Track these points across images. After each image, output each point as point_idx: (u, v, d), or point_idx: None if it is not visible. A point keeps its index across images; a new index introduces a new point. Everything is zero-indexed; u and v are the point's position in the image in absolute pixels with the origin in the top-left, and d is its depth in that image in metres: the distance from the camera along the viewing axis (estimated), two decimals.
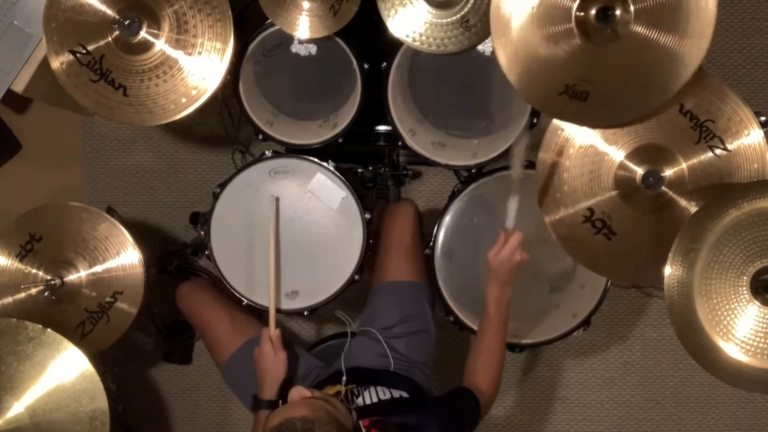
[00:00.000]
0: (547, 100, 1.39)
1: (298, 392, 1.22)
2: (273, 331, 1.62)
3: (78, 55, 1.52)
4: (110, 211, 2.02)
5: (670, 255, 1.31)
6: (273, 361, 1.58)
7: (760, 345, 1.29)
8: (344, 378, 1.48)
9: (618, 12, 1.32)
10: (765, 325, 1.29)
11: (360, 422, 1.20)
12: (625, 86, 1.35)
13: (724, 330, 1.30)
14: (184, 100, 1.53)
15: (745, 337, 1.30)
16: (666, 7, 1.29)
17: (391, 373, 1.59)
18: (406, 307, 1.70)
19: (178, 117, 1.54)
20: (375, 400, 1.39)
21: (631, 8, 1.31)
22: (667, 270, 1.31)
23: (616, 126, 1.42)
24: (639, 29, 1.31)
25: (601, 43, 1.34)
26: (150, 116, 1.55)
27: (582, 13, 1.34)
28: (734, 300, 1.30)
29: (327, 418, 1.14)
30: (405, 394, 1.41)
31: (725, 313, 1.30)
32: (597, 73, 1.35)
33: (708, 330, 1.30)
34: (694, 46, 1.30)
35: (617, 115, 1.40)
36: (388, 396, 1.39)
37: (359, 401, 1.38)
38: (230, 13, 1.51)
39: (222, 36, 1.52)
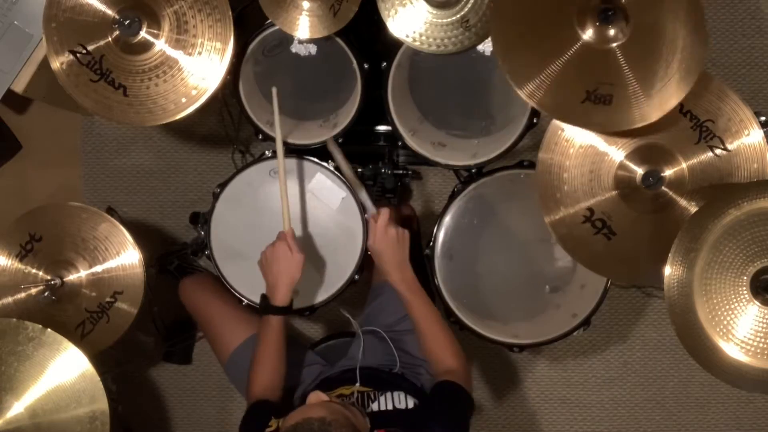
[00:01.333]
0: (572, 111, 1.37)
1: (316, 396, 1.24)
2: (287, 228, 1.53)
3: (78, 55, 1.52)
4: (110, 211, 2.02)
5: (670, 255, 1.31)
6: (289, 261, 1.48)
7: (760, 345, 1.29)
8: (358, 378, 1.48)
9: (617, 12, 1.33)
10: (765, 325, 1.29)
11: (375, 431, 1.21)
12: (646, 79, 1.34)
13: (724, 330, 1.30)
14: (184, 100, 1.53)
15: (745, 337, 1.30)
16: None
17: (402, 377, 1.59)
18: None
19: (178, 117, 1.54)
20: (390, 407, 1.38)
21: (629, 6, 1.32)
22: (667, 270, 1.31)
23: (649, 123, 1.39)
24: (639, 24, 1.31)
25: (609, 42, 1.34)
26: (150, 116, 1.55)
27: (582, 17, 1.34)
28: (734, 300, 1.30)
29: (344, 421, 1.15)
30: (418, 403, 1.41)
31: (725, 313, 1.30)
32: (614, 72, 1.35)
33: (708, 330, 1.30)
34: (694, 34, 1.30)
35: (647, 112, 1.36)
36: (402, 405, 1.39)
37: (374, 406, 1.38)
38: (230, 13, 1.51)
39: (222, 36, 1.52)
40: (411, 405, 1.39)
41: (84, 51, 1.52)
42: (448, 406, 1.37)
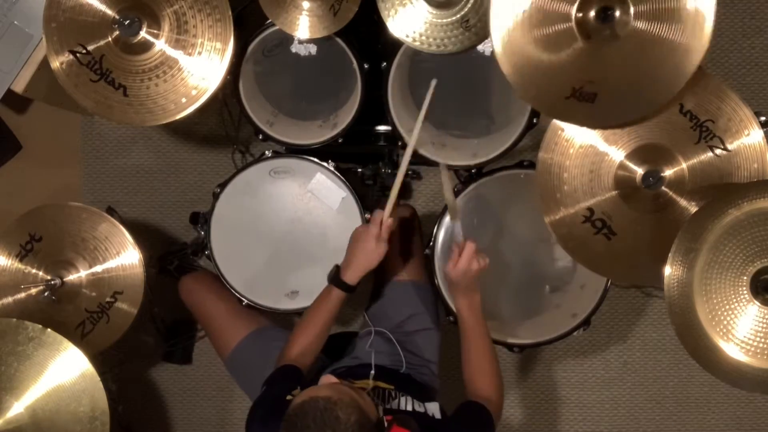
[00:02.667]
0: (556, 106, 1.38)
1: (327, 378, 1.25)
2: (387, 216, 1.50)
3: (78, 55, 1.52)
4: (110, 211, 2.02)
5: (670, 255, 1.31)
6: (371, 248, 1.48)
7: (760, 345, 1.29)
8: (372, 372, 1.48)
9: (618, 11, 1.33)
10: (765, 325, 1.29)
11: (384, 417, 1.20)
12: (632, 83, 1.34)
13: (724, 330, 1.30)
14: (184, 100, 1.53)
15: (745, 337, 1.30)
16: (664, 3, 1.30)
17: (409, 377, 1.59)
18: (410, 306, 1.70)
19: (178, 117, 1.54)
20: (410, 408, 1.38)
21: (630, 7, 1.31)
22: (667, 270, 1.31)
23: (627, 124, 1.41)
24: (639, 26, 1.31)
25: (603, 43, 1.34)
26: (150, 116, 1.55)
27: (581, 14, 1.34)
28: (734, 300, 1.30)
29: (350, 402, 1.15)
30: (438, 414, 1.40)
31: (725, 313, 1.30)
32: (602, 72, 1.35)
33: (708, 330, 1.30)
34: (696, 38, 1.30)
35: (627, 113, 1.38)
36: (422, 410, 1.39)
37: (394, 403, 1.38)
38: (230, 13, 1.51)
39: (222, 36, 1.52)
40: (430, 413, 1.39)
41: (84, 51, 1.52)
42: (473, 427, 1.36)
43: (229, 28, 1.52)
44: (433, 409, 1.40)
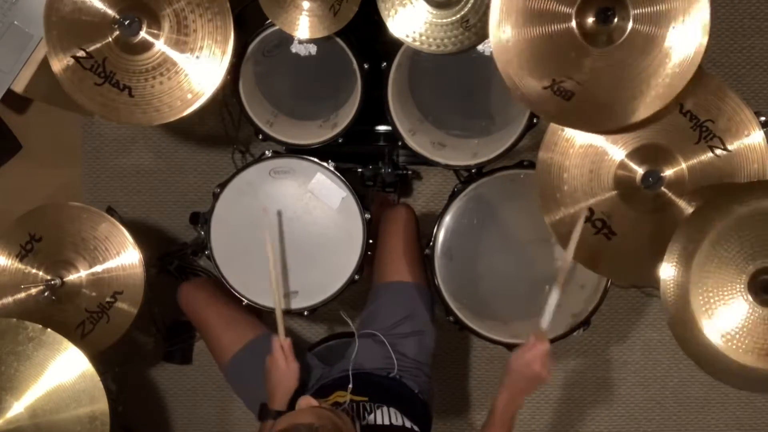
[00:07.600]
0: (531, 92, 1.37)
1: (306, 401, 1.23)
2: (283, 339, 1.59)
3: (80, 60, 1.52)
4: (110, 211, 2.03)
5: (666, 254, 1.31)
6: (285, 372, 1.55)
7: (758, 345, 1.29)
8: (350, 386, 1.47)
9: (616, 16, 1.33)
10: (764, 326, 1.29)
11: None
12: (612, 97, 1.34)
13: (723, 330, 1.30)
14: (189, 96, 1.53)
15: (743, 337, 1.30)
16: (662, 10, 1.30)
17: (399, 381, 1.59)
18: (406, 308, 1.70)
19: (185, 113, 1.53)
20: (387, 422, 1.36)
21: (630, 12, 1.32)
22: (664, 270, 1.31)
23: (595, 132, 1.42)
24: (636, 34, 1.31)
25: (597, 45, 1.34)
26: (158, 115, 1.53)
27: (582, 12, 1.34)
28: (732, 300, 1.30)
29: (332, 427, 1.14)
30: (416, 428, 1.39)
31: (723, 314, 1.30)
32: (587, 75, 1.35)
33: (705, 330, 1.30)
34: (684, 62, 1.31)
35: (597, 124, 1.38)
36: (399, 423, 1.37)
37: (371, 418, 1.37)
38: (230, 13, 1.51)
39: (222, 36, 1.52)
40: (408, 425, 1.38)
41: (86, 54, 1.52)
42: None
43: (229, 28, 1.52)
44: (413, 426, 1.39)
